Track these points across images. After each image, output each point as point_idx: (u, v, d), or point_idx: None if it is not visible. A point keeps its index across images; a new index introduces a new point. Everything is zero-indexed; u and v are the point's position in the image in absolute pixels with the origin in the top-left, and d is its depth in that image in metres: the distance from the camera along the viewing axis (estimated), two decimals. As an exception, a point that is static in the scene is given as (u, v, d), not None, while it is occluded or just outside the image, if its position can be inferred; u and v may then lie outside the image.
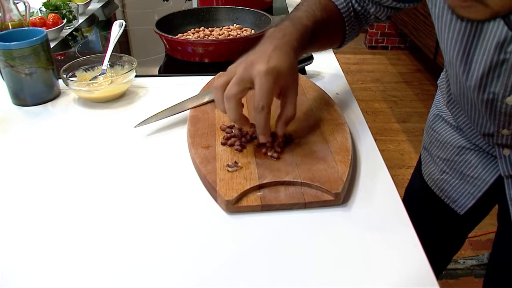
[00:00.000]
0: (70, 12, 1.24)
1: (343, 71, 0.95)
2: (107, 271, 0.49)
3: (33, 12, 1.21)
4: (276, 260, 0.49)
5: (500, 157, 0.71)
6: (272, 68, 0.58)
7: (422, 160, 0.93)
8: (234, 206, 0.55)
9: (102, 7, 1.50)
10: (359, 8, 0.76)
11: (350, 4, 0.75)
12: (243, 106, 0.61)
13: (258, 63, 0.58)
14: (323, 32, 0.71)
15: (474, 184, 0.80)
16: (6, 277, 0.48)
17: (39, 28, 0.85)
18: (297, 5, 0.72)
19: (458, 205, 0.83)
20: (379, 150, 0.68)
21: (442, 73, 0.86)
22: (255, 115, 0.59)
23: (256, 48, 0.62)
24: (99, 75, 0.87)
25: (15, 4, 0.92)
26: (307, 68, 0.94)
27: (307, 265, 0.49)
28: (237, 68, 0.60)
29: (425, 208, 0.92)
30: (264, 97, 0.57)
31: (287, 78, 0.60)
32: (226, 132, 0.68)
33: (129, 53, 1.10)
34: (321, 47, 0.77)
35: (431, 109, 0.90)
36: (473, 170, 0.79)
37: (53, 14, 1.17)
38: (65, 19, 1.20)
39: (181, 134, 0.72)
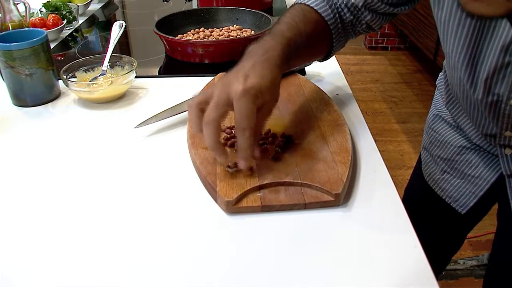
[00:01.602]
0: (70, 12, 1.24)
1: (343, 72, 0.95)
2: (107, 271, 0.49)
3: (33, 13, 1.21)
4: (276, 260, 0.49)
5: (502, 156, 0.71)
6: (250, 87, 0.54)
7: (422, 160, 0.93)
8: (234, 206, 0.56)
9: (102, 7, 1.50)
10: (351, 17, 0.73)
11: (337, 16, 0.72)
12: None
13: (235, 83, 0.55)
14: (307, 45, 0.67)
15: (475, 183, 0.80)
16: (6, 277, 0.48)
17: (39, 29, 0.85)
18: (278, 18, 0.69)
19: (460, 204, 0.83)
20: (379, 150, 0.68)
21: (440, 73, 0.87)
22: (237, 138, 0.56)
23: (235, 67, 0.59)
24: (99, 75, 0.87)
25: (15, 4, 0.92)
26: (307, 68, 0.94)
27: (307, 265, 0.49)
28: (214, 90, 0.56)
29: (425, 208, 0.92)
30: (244, 119, 0.54)
31: (265, 96, 0.57)
32: (226, 133, 0.68)
33: (129, 54, 1.10)
34: (305, 60, 0.75)
35: (431, 109, 0.90)
36: (474, 169, 0.79)
37: (53, 15, 1.17)
38: (65, 19, 1.20)
39: (181, 134, 0.72)
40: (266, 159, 0.62)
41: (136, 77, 0.87)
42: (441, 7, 0.61)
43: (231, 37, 1.04)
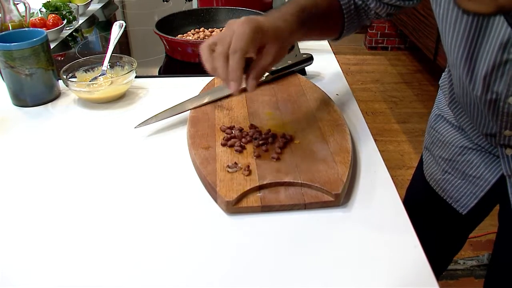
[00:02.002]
0: (70, 13, 1.24)
1: (343, 72, 0.95)
2: (107, 271, 0.49)
3: (33, 13, 1.21)
4: (276, 260, 0.49)
5: (503, 156, 0.71)
6: (252, 19, 0.58)
7: (423, 160, 0.93)
8: (234, 207, 0.55)
9: (102, 7, 1.50)
10: (360, 2, 0.75)
11: None
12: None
13: (240, 20, 0.59)
14: (320, 18, 0.70)
15: (476, 184, 0.80)
16: (6, 277, 0.48)
17: (39, 29, 0.85)
18: None
19: (461, 205, 0.83)
20: (379, 150, 0.68)
21: (444, 73, 0.86)
22: (229, 60, 0.57)
23: None
24: (99, 75, 0.87)
25: (15, 5, 0.92)
26: (307, 68, 0.94)
27: (307, 265, 0.49)
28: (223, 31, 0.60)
29: (426, 208, 0.92)
30: (238, 40, 0.56)
31: (267, 35, 0.59)
32: (226, 133, 0.68)
33: (129, 54, 1.10)
34: (319, 32, 0.76)
35: (433, 109, 0.90)
36: (475, 170, 0.79)
37: (53, 15, 1.17)
38: (65, 19, 1.20)
39: (181, 135, 0.72)
40: (266, 159, 0.62)
41: (136, 77, 0.87)
42: (439, 3, 0.62)
43: (231, 37, 1.04)
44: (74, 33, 1.24)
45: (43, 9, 1.23)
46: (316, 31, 0.74)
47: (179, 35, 1.07)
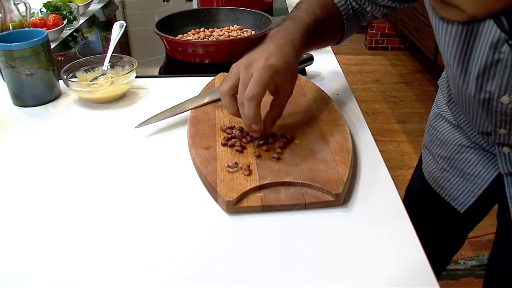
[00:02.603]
0: (71, 13, 1.24)
1: (343, 72, 0.96)
2: (107, 271, 0.49)
3: (33, 13, 1.21)
4: (276, 260, 0.50)
5: (500, 155, 0.71)
6: (270, 64, 0.59)
7: (422, 158, 0.93)
8: (235, 206, 0.56)
9: (103, 7, 1.50)
10: (357, 6, 0.77)
11: (348, 2, 0.76)
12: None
13: (257, 61, 0.60)
14: (323, 30, 0.72)
15: (474, 182, 0.80)
16: (6, 277, 0.48)
17: (39, 29, 0.85)
18: (297, 4, 0.73)
19: (459, 203, 0.83)
20: (379, 150, 0.68)
21: (443, 73, 0.87)
22: (245, 105, 0.59)
23: (258, 47, 0.63)
24: (100, 75, 0.87)
25: (15, 4, 0.92)
26: (308, 68, 0.94)
27: (307, 265, 0.49)
28: (239, 69, 0.61)
29: (426, 208, 0.92)
30: (256, 86, 0.58)
31: (284, 76, 0.61)
32: (227, 133, 0.68)
33: (129, 54, 1.10)
34: (322, 44, 0.78)
35: (432, 108, 0.90)
36: (473, 168, 0.80)
37: (53, 15, 1.17)
38: (66, 19, 1.20)
39: (182, 135, 0.72)
40: (267, 159, 0.62)
41: (136, 77, 0.87)
42: (430, 5, 0.62)
43: (232, 37, 1.04)
44: (74, 33, 1.24)
45: (44, 9, 1.23)
46: (319, 44, 0.76)
47: (179, 35, 1.07)
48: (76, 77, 0.87)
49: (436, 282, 0.47)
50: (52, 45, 1.11)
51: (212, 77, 0.88)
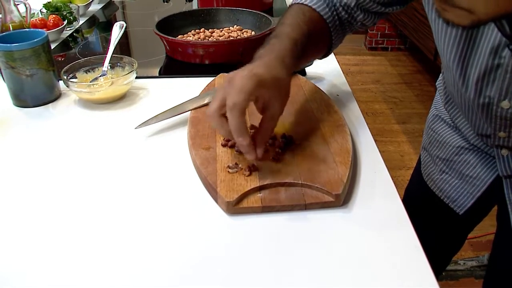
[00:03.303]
0: (71, 13, 1.24)
1: (343, 72, 0.96)
2: (108, 272, 0.49)
3: (34, 13, 1.21)
4: (276, 261, 0.50)
5: (499, 157, 0.71)
6: (254, 74, 0.55)
7: (421, 160, 0.93)
8: (235, 207, 0.56)
9: (103, 8, 1.50)
10: (346, 15, 0.74)
11: (335, 13, 0.73)
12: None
13: (240, 72, 0.56)
14: (311, 44, 0.68)
15: (473, 183, 0.80)
16: (6, 277, 0.48)
17: (39, 30, 0.85)
18: (280, 19, 0.70)
19: (458, 204, 0.83)
20: (379, 151, 0.68)
21: (441, 74, 0.87)
22: (228, 117, 0.55)
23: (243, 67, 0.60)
24: (100, 76, 0.87)
25: (16, 5, 0.92)
26: (307, 69, 0.94)
27: (307, 266, 0.49)
28: (223, 86, 0.58)
29: (425, 208, 0.92)
30: (236, 94, 0.54)
31: (271, 90, 0.57)
32: (227, 134, 0.68)
33: (129, 55, 1.10)
34: (310, 57, 0.76)
35: (431, 110, 0.90)
36: (472, 170, 0.80)
37: (53, 16, 1.17)
38: (66, 20, 1.20)
39: (182, 135, 0.72)
40: (267, 160, 0.62)
41: (136, 77, 0.87)
42: (430, 7, 0.62)
43: (232, 38, 1.04)
44: (74, 34, 1.24)
45: (44, 10, 1.23)
46: (307, 59, 0.74)
47: (179, 36, 1.07)
48: (76, 77, 0.87)
49: (436, 283, 0.47)
50: (52, 46, 1.11)
51: (212, 78, 0.88)
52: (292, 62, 0.62)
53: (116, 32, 0.95)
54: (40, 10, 1.24)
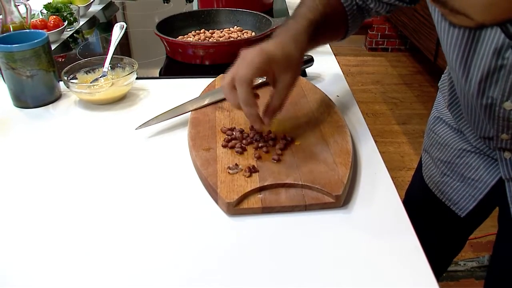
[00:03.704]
0: (71, 14, 1.24)
1: (343, 73, 0.96)
2: (108, 273, 0.49)
3: (34, 14, 1.21)
4: (277, 262, 0.50)
5: (501, 160, 0.71)
6: (263, 49, 0.59)
7: (422, 162, 0.93)
8: (235, 208, 0.56)
9: (103, 9, 1.50)
10: (360, 2, 0.76)
11: None
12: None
13: (252, 49, 0.60)
14: (327, 26, 0.71)
15: (475, 186, 0.80)
16: (6, 277, 0.48)
17: (40, 31, 0.85)
18: (300, 1, 0.73)
19: (459, 207, 0.83)
20: (379, 152, 0.68)
21: (443, 75, 0.87)
22: (237, 89, 0.59)
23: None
24: (100, 77, 0.88)
25: (16, 6, 0.92)
26: (308, 70, 0.94)
27: (308, 267, 0.49)
28: (237, 61, 0.62)
29: (426, 210, 0.92)
30: (245, 68, 0.58)
31: (281, 65, 0.61)
32: (227, 135, 0.68)
33: (129, 55, 1.10)
34: (326, 40, 0.78)
35: (432, 112, 0.90)
36: (474, 173, 0.79)
37: (54, 16, 1.17)
38: (66, 21, 1.21)
39: (182, 136, 0.72)
40: (267, 161, 0.62)
41: (137, 78, 0.87)
42: (434, 8, 0.62)
43: (232, 39, 1.04)
44: (75, 35, 1.24)
45: (44, 11, 1.24)
46: (324, 40, 0.76)
47: (179, 37, 1.07)
48: (76, 78, 0.87)
49: (436, 283, 0.47)
50: (53, 47, 1.11)
51: (213, 79, 0.88)
52: (306, 41, 0.65)
53: (117, 33, 0.95)
54: (40, 11, 1.24)
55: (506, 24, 0.46)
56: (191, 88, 0.87)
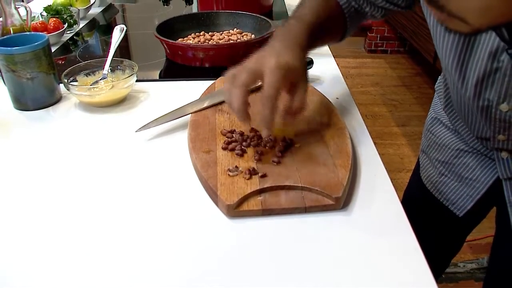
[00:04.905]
0: (71, 16, 1.24)
1: (342, 75, 0.96)
2: (109, 274, 0.49)
3: (34, 16, 1.21)
4: (277, 264, 0.50)
5: (498, 160, 0.71)
6: (283, 63, 0.59)
7: (420, 163, 0.93)
8: (235, 210, 0.56)
9: (103, 11, 1.50)
10: (356, 6, 0.77)
11: (350, 1, 0.76)
12: (248, 105, 0.61)
13: (268, 58, 0.60)
14: (326, 28, 0.72)
15: (472, 186, 0.80)
16: (6, 277, 0.48)
17: (40, 33, 0.85)
18: (300, 2, 0.73)
19: (457, 207, 0.83)
20: (379, 154, 0.68)
21: (439, 77, 0.87)
22: (262, 108, 0.59)
23: (265, 47, 0.63)
24: (100, 79, 0.88)
25: (16, 8, 0.92)
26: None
27: (308, 268, 0.49)
28: (248, 62, 0.62)
29: (424, 211, 0.93)
30: (271, 89, 0.58)
31: (297, 73, 0.61)
32: (227, 137, 0.68)
33: (129, 58, 1.10)
34: (325, 42, 0.78)
35: (429, 113, 0.91)
36: (471, 173, 0.80)
37: (54, 19, 1.17)
38: (66, 23, 1.21)
39: (182, 138, 0.72)
40: (267, 163, 0.63)
41: (136, 81, 0.88)
42: (429, 13, 0.62)
43: (232, 41, 1.04)
44: (75, 37, 1.25)
45: (44, 13, 1.24)
46: (322, 42, 0.76)
47: (179, 39, 1.07)
48: (76, 80, 0.87)
49: (435, 285, 0.47)
50: (53, 49, 1.11)
51: (212, 81, 0.89)
52: (309, 44, 0.66)
53: (117, 35, 0.96)
54: (40, 13, 1.25)
55: (500, 28, 0.47)
56: (191, 90, 0.87)
